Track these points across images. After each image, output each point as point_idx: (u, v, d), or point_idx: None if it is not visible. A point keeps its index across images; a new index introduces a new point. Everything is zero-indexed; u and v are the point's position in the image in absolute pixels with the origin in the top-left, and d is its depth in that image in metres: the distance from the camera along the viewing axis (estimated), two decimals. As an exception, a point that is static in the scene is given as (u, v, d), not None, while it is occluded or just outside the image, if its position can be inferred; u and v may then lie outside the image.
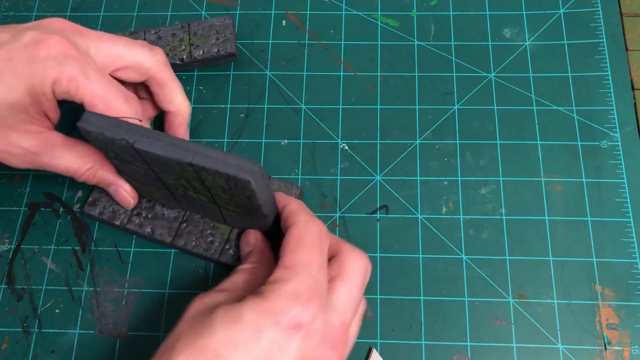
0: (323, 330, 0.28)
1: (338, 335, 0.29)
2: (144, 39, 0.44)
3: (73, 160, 0.37)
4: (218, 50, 0.44)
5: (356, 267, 0.31)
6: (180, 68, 0.45)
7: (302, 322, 0.27)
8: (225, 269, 0.39)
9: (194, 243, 0.39)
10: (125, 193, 0.38)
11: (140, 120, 0.35)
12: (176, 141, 0.31)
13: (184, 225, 0.39)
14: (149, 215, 0.40)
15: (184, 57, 0.44)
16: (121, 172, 0.37)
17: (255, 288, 0.29)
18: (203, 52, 0.44)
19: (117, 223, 0.40)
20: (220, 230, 0.39)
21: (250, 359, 0.26)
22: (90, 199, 0.40)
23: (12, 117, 0.34)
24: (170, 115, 0.40)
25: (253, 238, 0.36)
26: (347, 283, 0.30)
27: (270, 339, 0.26)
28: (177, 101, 0.40)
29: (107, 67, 0.36)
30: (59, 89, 0.34)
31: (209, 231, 0.39)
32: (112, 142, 0.32)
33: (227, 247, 0.38)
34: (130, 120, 0.33)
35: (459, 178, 0.42)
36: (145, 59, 0.37)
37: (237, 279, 0.32)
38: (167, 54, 0.44)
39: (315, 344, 0.28)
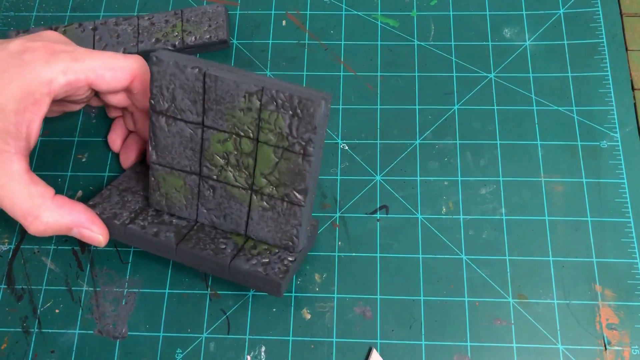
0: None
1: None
2: (137, 25, 0.45)
3: (22, 199, 0.33)
4: (210, 37, 0.45)
5: None
6: None
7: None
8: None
9: (202, 247, 0.36)
10: (91, 232, 0.36)
11: None
12: (248, 73, 0.33)
13: (194, 232, 0.37)
14: (155, 221, 0.37)
15: (176, 43, 0.45)
16: (158, 145, 0.35)
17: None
18: (195, 38, 0.45)
19: (118, 223, 0.36)
20: (234, 240, 0.37)
21: None
22: (90, 202, 0.38)
23: None
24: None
25: None
26: None
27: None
28: None
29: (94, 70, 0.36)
30: (57, 86, 0.33)
31: (221, 239, 0.37)
32: (180, 74, 0.32)
33: (242, 253, 0.36)
34: None
35: (459, 178, 0.42)
36: (131, 63, 0.36)
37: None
38: (159, 40, 0.45)
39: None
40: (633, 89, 0.44)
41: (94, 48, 0.44)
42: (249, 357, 0.37)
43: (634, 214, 0.40)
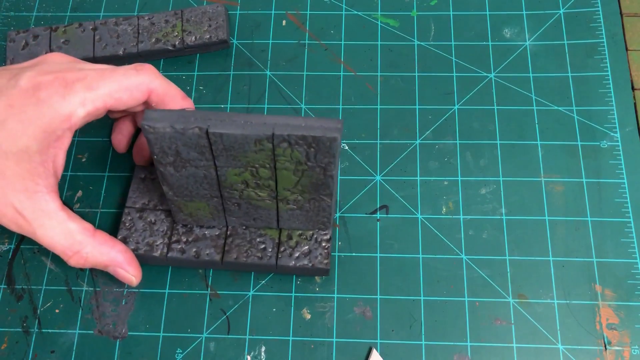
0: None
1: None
2: (137, 24, 0.45)
3: (62, 235, 0.34)
4: (210, 37, 0.45)
5: None
6: (173, 54, 0.45)
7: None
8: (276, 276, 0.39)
9: (246, 254, 0.37)
10: (126, 273, 0.37)
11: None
12: (252, 117, 0.30)
13: (230, 239, 0.38)
14: (189, 239, 0.38)
15: (176, 43, 0.45)
16: (172, 185, 0.35)
17: None
18: (195, 38, 0.45)
19: (157, 254, 0.38)
20: (270, 236, 0.38)
21: None
22: (119, 236, 0.38)
23: (15, 168, 0.32)
24: None
25: None
26: None
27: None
28: (180, 97, 0.37)
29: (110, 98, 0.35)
30: (77, 119, 0.32)
31: (257, 239, 0.38)
32: (181, 136, 0.31)
33: (282, 249, 0.38)
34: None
35: (459, 178, 0.42)
36: (145, 78, 0.35)
37: None
38: (159, 40, 0.45)
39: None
40: (633, 89, 0.44)
41: (93, 48, 0.44)
42: (249, 357, 0.37)
43: (634, 214, 0.40)
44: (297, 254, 0.38)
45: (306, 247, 0.38)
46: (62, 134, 0.33)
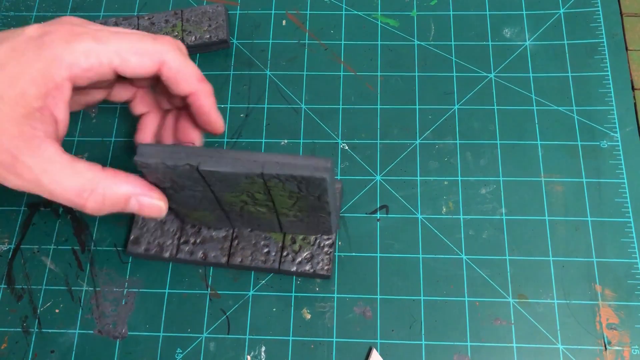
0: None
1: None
2: (137, 25, 0.45)
3: (71, 178, 0.31)
4: (210, 36, 0.45)
5: None
6: None
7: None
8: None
9: (250, 258, 0.39)
10: (152, 200, 0.33)
11: (193, 143, 0.34)
12: (241, 154, 0.30)
13: (236, 242, 0.39)
14: (197, 241, 0.39)
15: None
16: (174, 201, 0.35)
17: None
18: (195, 38, 0.45)
19: (167, 255, 0.39)
20: (274, 239, 0.39)
21: None
22: (132, 236, 0.39)
23: (10, 113, 0.30)
24: (196, 98, 0.34)
25: None
26: None
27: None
28: (196, 79, 0.34)
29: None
30: (78, 70, 0.30)
31: (262, 242, 0.39)
32: (173, 170, 0.31)
33: (285, 253, 0.39)
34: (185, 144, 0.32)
35: (459, 178, 0.42)
36: (160, 47, 0.33)
37: None
38: None
39: None
40: (633, 89, 0.44)
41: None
42: (249, 357, 0.37)
43: (634, 214, 0.40)
44: (299, 259, 0.38)
45: (308, 253, 0.38)
46: (62, 83, 0.30)
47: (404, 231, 0.40)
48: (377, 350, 0.37)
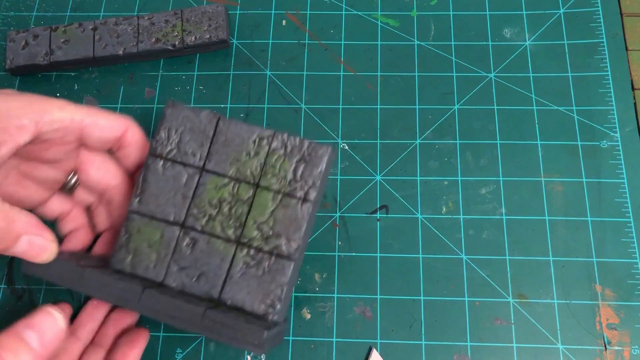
0: None
1: None
2: (137, 25, 0.45)
3: None
4: (210, 36, 0.45)
5: None
6: (172, 54, 0.45)
7: None
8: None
9: (170, 295, 0.32)
10: (44, 241, 0.31)
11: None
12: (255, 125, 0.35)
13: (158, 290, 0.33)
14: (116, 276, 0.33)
15: (176, 42, 0.45)
16: (146, 191, 0.34)
17: None
18: (195, 38, 0.45)
19: (75, 264, 0.33)
20: (205, 304, 0.32)
21: None
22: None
23: None
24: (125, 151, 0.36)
25: None
26: None
27: None
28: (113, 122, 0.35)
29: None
30: (49, 119, 0.31)
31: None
32: (195, 116, 0.35)
33: (216, 308, 0.32)
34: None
35: (459, 178, 0.42)
36: (118, 117, 0.35)
37: None
38: (159, 40, 0.45)
39: None
40: (633, 89, 0.44)
41: (93, 48, 0.44)
42: (249, 357, 0.37)
43: (634, 214, 0.40)
44: (232, 313, 0.32)
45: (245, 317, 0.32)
46: (27, 125, 0.30)
47: (404, 231, 0.40)
48: (377, 350, 0.37)
